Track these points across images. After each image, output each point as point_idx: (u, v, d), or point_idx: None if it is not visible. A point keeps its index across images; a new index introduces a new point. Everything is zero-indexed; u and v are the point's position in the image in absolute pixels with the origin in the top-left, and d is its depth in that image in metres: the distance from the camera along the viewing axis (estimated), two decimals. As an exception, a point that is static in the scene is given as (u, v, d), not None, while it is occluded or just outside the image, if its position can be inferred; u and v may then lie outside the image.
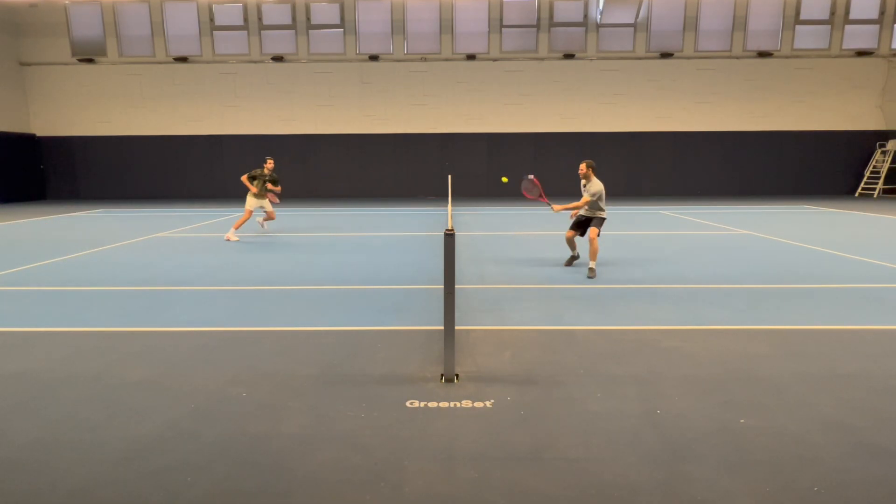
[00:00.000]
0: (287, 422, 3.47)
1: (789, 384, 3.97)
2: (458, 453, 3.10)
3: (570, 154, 21.47)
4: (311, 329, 5.35)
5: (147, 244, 10.54)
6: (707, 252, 9.36)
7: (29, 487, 2.81)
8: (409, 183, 21.75)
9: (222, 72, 21.29)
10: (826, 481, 2.81)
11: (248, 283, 7.30)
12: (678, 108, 21.31)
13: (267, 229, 12.36)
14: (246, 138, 21.57)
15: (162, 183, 21.93)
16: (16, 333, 5.28)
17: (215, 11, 20.84)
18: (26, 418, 3.55)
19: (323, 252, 9.68)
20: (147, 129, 21.64)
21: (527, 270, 7.96)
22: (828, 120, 21.21)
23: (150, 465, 2.99)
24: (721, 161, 21.48)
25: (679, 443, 3.19)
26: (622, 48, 21.02)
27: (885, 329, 5.21)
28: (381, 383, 4.02)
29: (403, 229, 12.60)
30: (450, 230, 3.84)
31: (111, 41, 21.15)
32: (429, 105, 21.42)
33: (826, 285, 6.94)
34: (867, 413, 3.53)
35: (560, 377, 4.12)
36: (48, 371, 4.30)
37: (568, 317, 5.67)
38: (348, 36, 20.98)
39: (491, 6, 20.70)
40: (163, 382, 4.07)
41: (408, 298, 6.49)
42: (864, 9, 20.64)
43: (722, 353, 4.60)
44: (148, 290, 6.97)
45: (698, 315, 5.71)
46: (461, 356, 4.48)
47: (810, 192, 21.30)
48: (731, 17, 20.70)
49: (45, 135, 21.73)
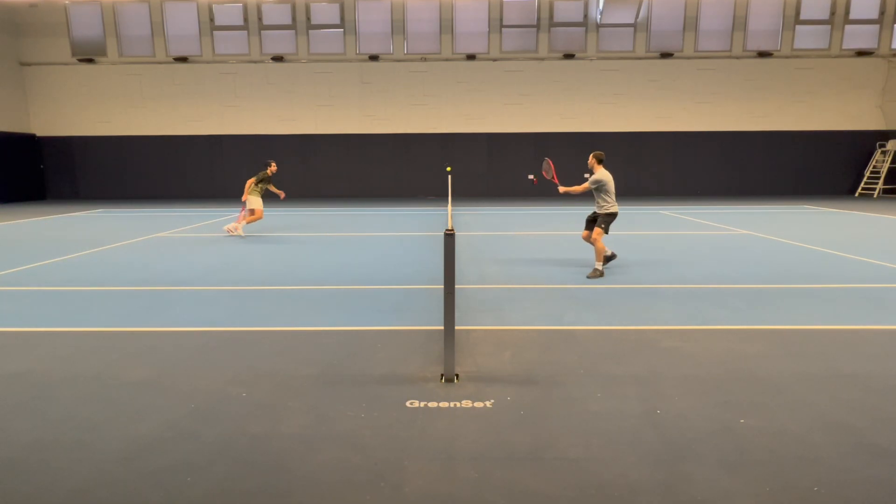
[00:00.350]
0: (287, 422, 3.47)
1: (789, 384, 3.97)
2: (458, 453, 3.10)
3: (570, 154, 21.48)
4: (311, 329, 5.35)
5: (147, 244, 10.54)
6: (707, 252, 9.36)
7: (29, 487, 2.81)
8: (409, 183, 21.75)
9: (222, 72, 21.29)
10: (826, 481, 2.81)
11: (248, 283, 7.30)
12: (678, 108, 21.31)
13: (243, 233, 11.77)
14: (246, 138, 21.58)
15: (162, 183, 21.93)
16: (16, 333, 5.28)
17: (215, 11, 20.84)
18: (26, 418, 3.55)
19: (323, 252, 9.68)
20: (147, 129, 21.64)
21: (527, 270, 7.96)
22: (828, 120, 21.21)
23: (150, 465, 2.99)
24: (721, 161, 21.48)
25: (679, 443, 3.19)
26: (622, 48, 21.02)
27: (885, 329, 5.21)
28: (381, 383, 4.02)
29: (403, 229, 12.60)
30: (450, 230, 3.84)
31: (111, 41, 21.15)
32: (429, 105, 21.42)
33: (826, 285, 6.94)
34: (867, 413, 3.53)
35: (560, 377, 4.12)
36: (48, 371, 4.30)
37: (568, 317, 5.67)
38: (348, 36, 20.98)
39: (491, 6, 20.70)
40: (163, 382, 4.07)
41: (408, 298, 6.49)
42: (864, 9, 20.63)
43: (722, 353, 4.60)
44: (148, 290, 6.97)
45: (698, 315, 5.71)
46: (461, 356, 4.48)
47: (810, 192, 21.30)
48: (731, 17, 20.70)
49: (45, 135, 21.73)
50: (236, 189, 21.76)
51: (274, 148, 21.62)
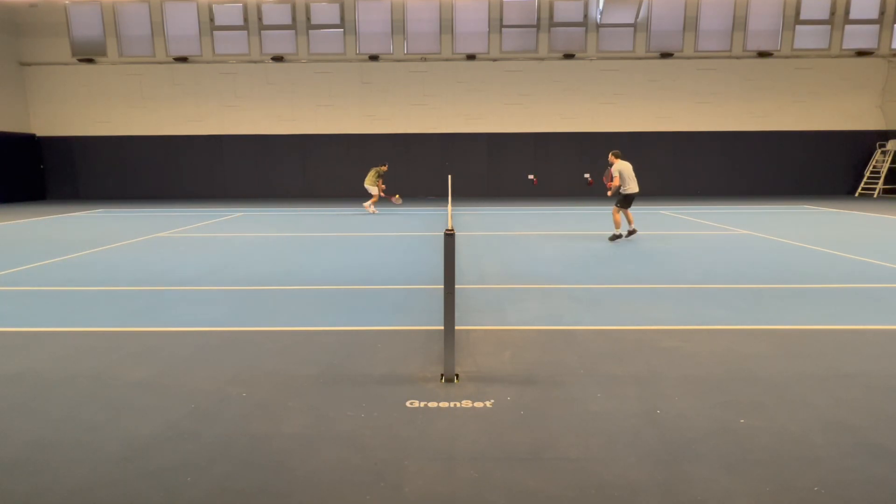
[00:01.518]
0: (287, 422, 3.47)
1: (789, 384, 3.97)
2: (458, 453, 3.10)
3: (570, 154, 21.50)
4: (311, 329, 5.35)
5: (147, 244, 10.54)
6: (707, 252, 9.36)
7: (29, 487, 2.81)
8: (409, 183, 21.74)
9: (222, 72, 21.29)
10: (826, 481, 2.81)
11: (248, 283, 7.30)
12: (678, 108, 21.31)
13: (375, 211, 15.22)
14: (246, 138, 21.58)
15: (162, 183, 21.92)
16: (16, 333, 5.28)
17: (215, 11, 20.84)
18: (26, 418, 3.55)
19: (323, 252, 9.68)
20: (147, 129, 21.64)
21: (527, 270, 7.96)
22: (828, 120, 21.21)
23: (150, 465, 2.99)
24: (721, 161, 21.48)
25: (679, 443, 3.19)
26: (622, 48, 21.02)
27: (885, 329, 5.21)
28: (381, 383, 4.02)
29: (403, 229, 12.60)
30: (450, 230, 3.84)
31: (111, 41, 21.15)
32: (429, 105, 21.42)
33: (826, 285, 6.94)
34: (867, 413, 3.53)
35: (560, 377, 4.12)
36: (48, 371, 4.30)
37: (568, 317, 5.67)
38: (348, 36, 20.98)
39: (491, 6, 20.70)
40: (163, 382, 4.07)
41: (408, 298, 6.49)
42: (864, 9, 20.63)
43: (722, 353, 4.60)
44: (148, 290, 6.97)
45: (698, 315, 5.71)
46: (461, 356, 4.48)
47: (810, 192, 21.30)
48: (731, 17, 20.70)
49: (45, 135, 21.73)
50: (236, 189, 21.86)
51: (274, 148, 21.64)
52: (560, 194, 21.24)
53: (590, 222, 13.62)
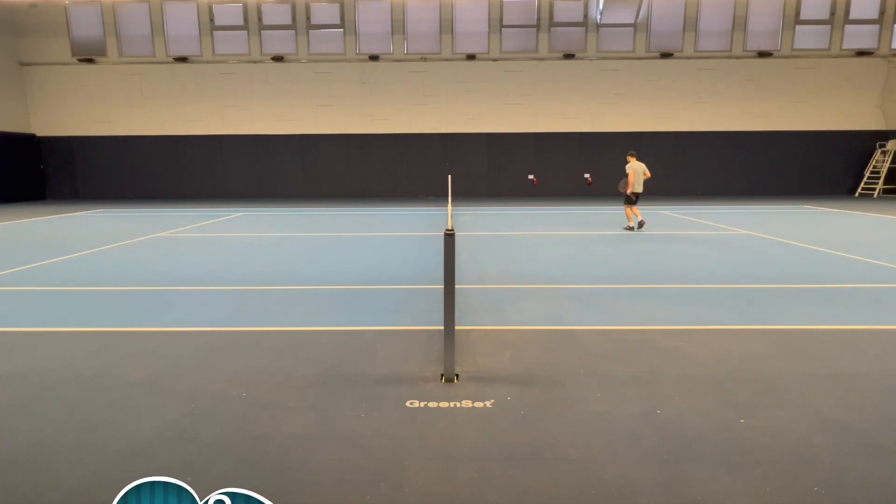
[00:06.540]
0: (287, 422, 3.47)
1: (789, 384, 3.97)
2: (458, 453, 3.10)
3: (570, 154, 21.50)
4: (311, 329, 5.35)
5: (147, 244, 10.54)
6: (707, 252, 9.36)
7: (29, 487, 2.81)
8: (410, 183, 21.75)
9: (222, 72, 21.28)
10: (826, 481, 2.81)
11: (248, 283, 7.30)
12: (678, 108, 21.31)
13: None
14: (246, 138, 21.57)
15: (162, 183, 21.92)
16: (16, 333, 5.28)
17: (215, 11, 20.83)
18: (26, 418, 3.55)
19: (323, 252, 9.68)
20: (147, 129, 21.64)
21: (527, 270, 7.96)
22: (828, 120, 21.20)
23: (150, 465, 2.99)
24: (721, 161, 21.48)
25: (679, 443, 3.19)
26: (622, 48, 21.02)
27: (885, 329, 5.21)
28: (381, 383, 4.02)
29: (403, 229, 12.60)
30: (450, 230, 3.84)
31: (111, 41, 21.14)
32: (429, 105, 21.42)
33: (826, 285, 6.94)
34: (867, 413, 3.53)
35: (560, 377, 4.12)
36: (48, 371, 4.30)
37: (568, 317, 5.67)
38: (348, 36, 20.98)
39: (491, 6, 20.69)
40: (163, 382, 4.07)
41: (408, 298, 6.49)
42: (864, 9, 20.63)
43: (722, 353, 4.60)
44: (148, 290, 6.97)
45: (698, 315, 5.71)
46: (461, 356, 4.48)
47: (810, 192, 21.30)
48: (731, 17, 20.70)
49: (45, 135, 21.73)
50: (236, 189, 21.85)
51: (274, 148, 21.64)
52: (560, 194, 21.24)
53: (590, 222, 13.62)
